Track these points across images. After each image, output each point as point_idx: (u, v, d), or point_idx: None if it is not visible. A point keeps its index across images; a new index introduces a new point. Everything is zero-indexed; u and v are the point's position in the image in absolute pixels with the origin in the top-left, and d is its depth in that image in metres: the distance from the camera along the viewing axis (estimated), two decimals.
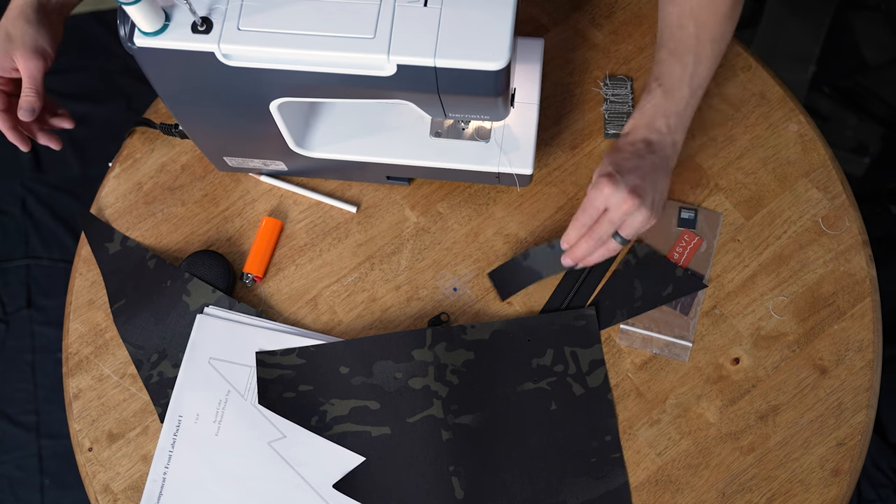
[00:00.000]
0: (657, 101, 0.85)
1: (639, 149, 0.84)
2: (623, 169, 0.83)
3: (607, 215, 0.83)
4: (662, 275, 0.93)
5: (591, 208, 0.84)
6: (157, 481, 0.90)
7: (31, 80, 0.89)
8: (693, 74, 0.86)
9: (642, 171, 0.83)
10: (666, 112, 0.85)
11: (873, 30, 1.78)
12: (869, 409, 0.89)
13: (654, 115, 0.85)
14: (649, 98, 0.86)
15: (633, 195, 0.81)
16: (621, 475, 0.88)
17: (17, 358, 1.70)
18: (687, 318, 0.92)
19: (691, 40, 0.86)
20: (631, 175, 0.82)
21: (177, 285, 0.96)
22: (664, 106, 0.85)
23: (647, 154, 0.84)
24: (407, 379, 0.90)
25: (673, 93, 0.85)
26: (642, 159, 0.84)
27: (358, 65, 0.73)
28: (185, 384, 0.93)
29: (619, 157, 0.84)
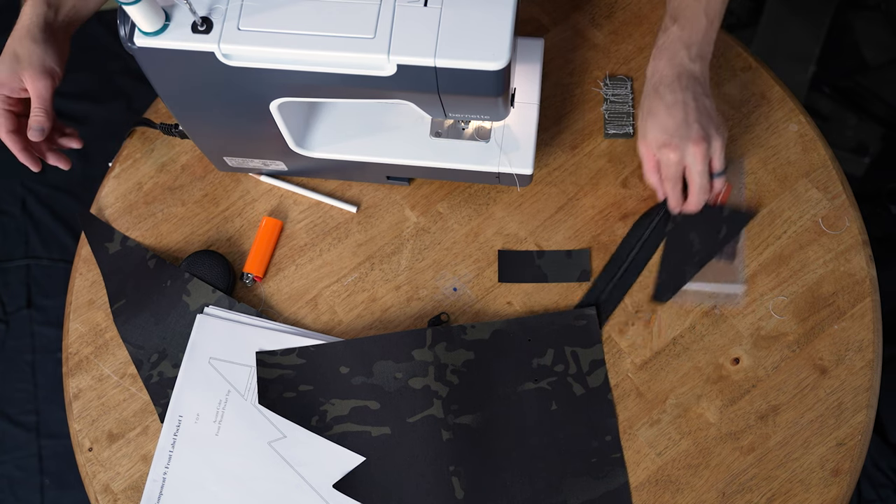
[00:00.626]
0: (674, 34, 0.85)
1: (672, 99, 0.84)
2: (670, 128, 0.84)
3: (693, 170, 0.85)
4: (711, 219, 0.94)
5: (674, 176, 0.86)
6: (157, 481, 0.90)
7: (40, 100, 0.89)
8: (708, 3, 0.85)
9: (691, 114, 0.83)
10: (687, 42, 0.84)
11: (873, 30, 1.78)
12: (869, 409, 0.89)
13: (675, 49, 0.84)
14: (665, 35, 0.86)
15: (698, 143, 0.83)
16: (621, 475, 0.88)
17: (17, 358, 1.70)
18: (733, 263, 0.93)
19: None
20: (683, 126, 0.83)
21: (177, 285, 0.96)
22: (682, 37, 0.85)
23: (682, 93, 0.84)
24: (407, 379, 0.90)
25: (690, 23, 0.85)
26: (682, 104, 0.84)
27: (358, 65, 0.73)
28: (185, 384, 0.93)
29: (660, 121, 0.84)
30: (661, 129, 0.84)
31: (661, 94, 0.84)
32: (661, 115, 0.84)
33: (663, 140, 0.84)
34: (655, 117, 0.85)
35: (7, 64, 0.88)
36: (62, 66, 0.91)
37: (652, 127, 0.85)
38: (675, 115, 0.84)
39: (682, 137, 0.84)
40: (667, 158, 0.85)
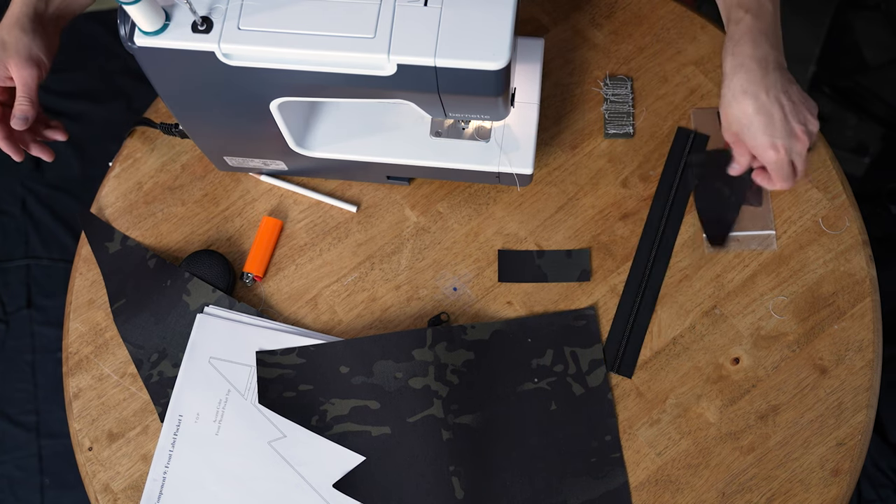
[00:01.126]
0: (749, 23, 0.82)
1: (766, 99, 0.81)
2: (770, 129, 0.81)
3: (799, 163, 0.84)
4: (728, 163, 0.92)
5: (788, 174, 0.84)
6: (157, 481, 0.90)
7: (25, 89, 0.89)
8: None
9: (786, 114, 0.81)
10: (764, 31, 0.82)
11: (873, 30, 1.78)
12: (869, 408, 0.89)
13: (755, 39, 0.82)
14: (739, 26, 0.83)
15: (802, 140, 0.82)
16: (621, 475, 0.88)
17: (17, 358, 1.70)
18: (761, 208, 0.95)
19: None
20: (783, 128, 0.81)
21: (177, 285, 0.96)
22: (758, 26, 0.82)
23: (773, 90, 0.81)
24: (407, 379, 0.90)
25: (762, 13, 0.83)
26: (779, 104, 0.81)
27: (358, 64, 0.73)
28: (185, 384, 0.93)
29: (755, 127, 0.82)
30: (763, 131, 0.82)
31: (752, 94, 0.81)
32: (758, 117, 0.82)
33: (768, 143, 0.82)
34: (752, 120, 0.82)
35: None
36: (50, 57, 0.91)
37: (749, 130, 0.83)
38: (773, 116, 0.81)
39: (785, 137, 0.82)
40: (775, 160, 0.83)
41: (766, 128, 0.82)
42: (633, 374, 0.91)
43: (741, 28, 0.83)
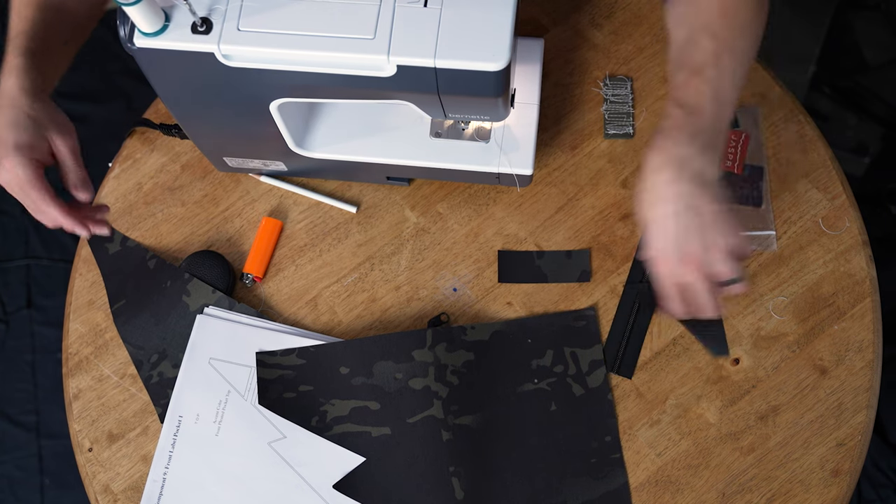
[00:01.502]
0: (679, 119, 0.74)
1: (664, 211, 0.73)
2: (668, 241, 0.73)
3: (694, 289, 0.75)
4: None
5: (671, 289, 0.76)
6: (157, 481, 0.90)
7: (75, 155, 0.83)
8: (717, 89, 0.75)
9: (688, 227, 0.73)
10: (693, 131, 0.73)
11: (873, 30, 1.78)
12: (869, 409, 0.89)
13: (678, 138, 0.73)
14: (670, 120, 0.75)
15: (691, 263, 0.73)
16: (621, 475, 0.88)
17: (17, 358, 1.70)
18: (762, 209, 0.94)
19: (709, 56, 0.75)
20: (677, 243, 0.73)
21: (177, 285, 0.96)
22: (689, 123, 0.74)
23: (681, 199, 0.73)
24: (407, 379, 0.90)
25: (698, 110, 0.74)
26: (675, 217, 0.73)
27: (358, 65, 0.73)
28: (185, 384, 0.93)
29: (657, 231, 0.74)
30: (656, 239, 0.74)
31: (659, 195, 0.73)
32: (658, 222, 0.74)
33: (655, 253, 0.75)
34: (653, 224, 0.74)
35: (25, 128, 0.79)
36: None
37: (653, 233, 0.75)
38: (670, 228, 0.73)
39: (676, 254, 0.73)
40: (661, 275, 0.75)
41: (662, 234, 0.73)
42: (633, 374, 0.91)
43: (671, 122, 0.74)
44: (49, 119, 0.81)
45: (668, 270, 0.75)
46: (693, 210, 0.72)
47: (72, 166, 0.83)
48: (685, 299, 0.76)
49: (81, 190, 0.84)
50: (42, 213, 0.83)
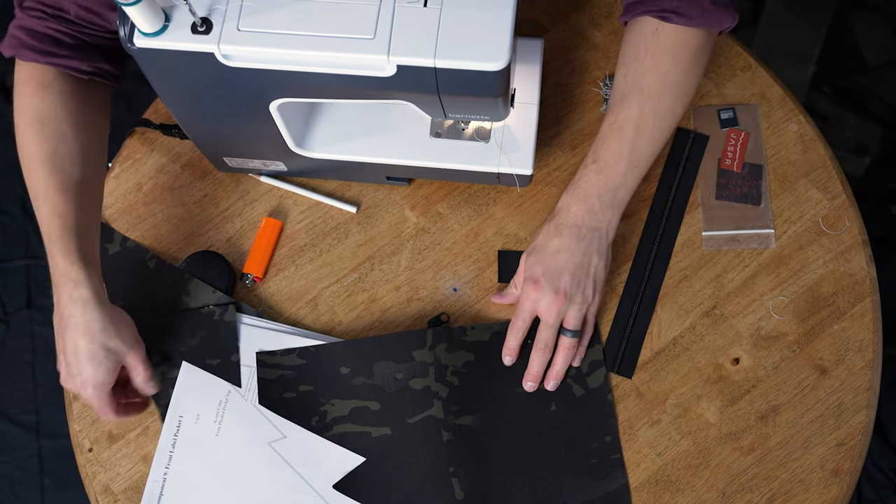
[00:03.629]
0: (591, 177, 0.84)
1: (565, 243, 0.84)
2: (548, 270, 0.84)
3: (543, 320, 0.86)
4: None
5: (525, 312, 0.86)
6: (158, 482, 0.90)
7: (145, 365, 0.86)
8: (633, 148, 0.83)
9: (569, 266, 0.84)
10: (600, 189, 0.83)
11: (873, 30, 1.78)
12: (869, 409, 0.89)
13: (588, 192, 0.84)
14: (584, 174, 0.85)
15: (559, 296, 0.83)
16: (621, 476, 0.88)
17: (17, 358, 1.70)
18: (759, 207, 0.94)
19: (633, 112, 0.82)
20: (556, 274, 0.84)
21: (177, 285, 0.96)
22: (598, 182, 0.83)
23: (575, 243, 0.84)
24: (407, 379, 0.90)
25: (609, 168, 0.83)
26: (569, 253, 0.84)
27: (358, 65, 0.73)
28: (185, 384, 0.93)
29: (543, 258, 0.84)
30: (539, 264, 0.84)
31: (557, 232, 0.84)
32: (546, 251, 0.84)
33: (533, 276, 0.84)
34: (541, 251, 0.85)
35: (102, 363, 0.82)
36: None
37: (534, 258, 0.85)
38: (556, 260, 0.84)
39: (549, 282, 0.84)
40: (526, 294, 0.85)
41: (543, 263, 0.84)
42: (633, 374, 0.91)
43: (584, 175, 0.84)
44: (123, 345, 0.83)
45: (536, 296, 0.84)
46: (586, 255, 0.84)
47: (142, 374, 0.86)
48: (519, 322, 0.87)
49: (150, 389, 0.88)
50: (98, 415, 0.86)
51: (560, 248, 0.84)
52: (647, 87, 0.82)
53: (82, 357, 0.82)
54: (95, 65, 0.85)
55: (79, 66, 0.84)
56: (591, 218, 0.84)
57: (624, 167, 0.83)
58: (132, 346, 0.85)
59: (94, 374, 0.82)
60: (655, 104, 0.82)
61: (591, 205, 0.83)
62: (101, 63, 0.86)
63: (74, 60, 0.84)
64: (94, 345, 0.81)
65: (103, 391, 0.83)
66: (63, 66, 0.84)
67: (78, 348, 0.81)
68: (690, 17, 0.80)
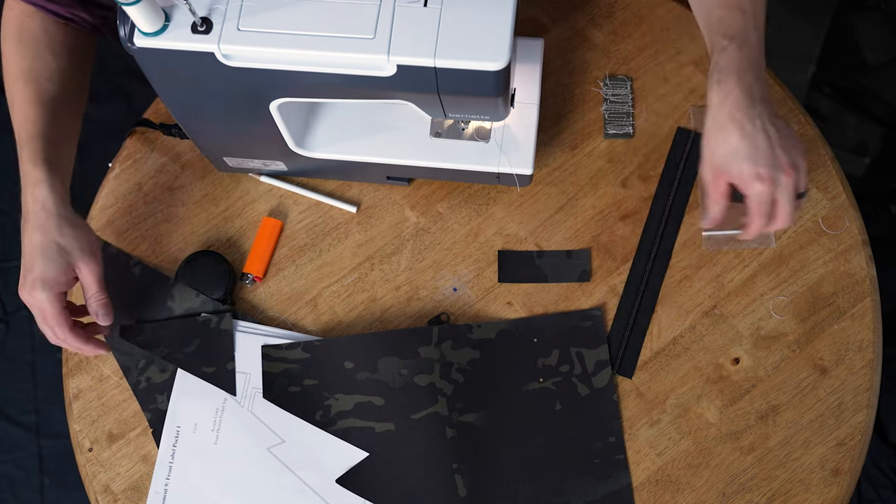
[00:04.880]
0: (734, 53, 0.79)
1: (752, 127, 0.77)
2: (758, 159, 0.77)
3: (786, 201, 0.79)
4: None
5: (768, 210, 0.80)
6: (160, 493, 0.90)
7: (98, 282, 0.84)
8: (755, 16, 0.80)
9: (772, 144, 0.78)
10: (749, 61, 0.79)
11: (873, 30, 1.78)
12: (869, 408, 0.89)
13: (741, 69, 0.78)
14: (724, 54, 0.79)
15: (789, 173, 0.77)
16: (624, 477, 0.88)
17: (17, 358, 1.70)
18: None
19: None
20: (769, 157, 0.77)
21: (162, 291, 0.96)
22: (743, 56, 0.79)
23: (759, 120, 0.78)
24: (412, 376, 0.90)
25: (746, 41, 0.79)
26: (765, 133, 0.77)
27: (358, 65, 0.73)
28: (181, 394, 0.93)
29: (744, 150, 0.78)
30: (748, 159, 0.78)
31: (738, 122, 0.78)
32: (744, 144, 0.78)
33: (752, 171, 0.78)
34: (738, 148, 0.78)
35: (53, 259, 0.82)
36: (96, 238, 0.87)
37: (735, 158, 0.78)
38: (759, 144, 0.77)
39: (772, 167, 0.77)
40: (759, 191, 0.78)
41: (750, 155, 0.78)
42: (633, 374, 0.91)
43: (725, 57, 0.79)
44: (77, 246, 0.83)
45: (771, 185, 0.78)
46: (774, 127, 0.78)
47: (95, 293, 0.85)
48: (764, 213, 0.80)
49: (102, 317, 0.86)
50: (56, 339, 0.85)
51: (753, 132, 0.78)
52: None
53: (35, 252, 0.82)
54: (72, 11, 0.87)
55: (56, 10, 0.87)
56: (755, 91, 0.78)
57: (756, 37, 0.80)
58: (85, 252, 0.84)
59: (42, 268, 0.82)
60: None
61: (749, 80, 0.78)
62: (77, 10, 0.88)
63: (52, 4, 0.86)
64: (46, 238, 0.82)
65: (52, 292, 0.82)
66: (41, 5, 0.86)
67: (32, 243, 0.83)
68: None
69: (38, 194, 0.83)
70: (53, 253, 0.82)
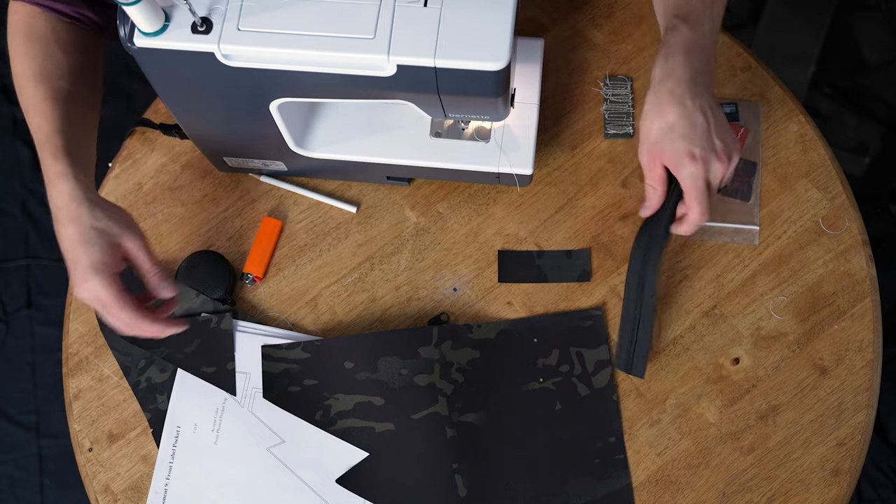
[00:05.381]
0: (685, 34, 0.77)
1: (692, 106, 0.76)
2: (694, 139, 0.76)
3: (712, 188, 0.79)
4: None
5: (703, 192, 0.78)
6: (160, 493, 0.90)
7: (149, 256, 0.82)
8: (713, 6, 0.79)
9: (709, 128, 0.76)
10: (699, 45, 0.77)
11: (873, 30, 1.78)
12: (869, 408, 0.89)
13: (688, 49, 0.77)
14: (675, 34, 0.78)
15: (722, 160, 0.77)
16: (624, 477, 0.88)
17: (17, 358, 1.70)
18: (749, 203, 0.94)
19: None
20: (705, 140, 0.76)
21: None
22: (694, 39, 0.77)
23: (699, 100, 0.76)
24: (412, 376, 0.90)
25: (699, 25, 0.78)
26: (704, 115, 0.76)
27: (358, 65, 0.73)
28: (181, 394, 0.93)
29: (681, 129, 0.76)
30: (683, 138, 0.76)
31: (678, 98, 0.76)
32: (681, 122, 0.76)
33: (687, 150, 0.76)
34: (674, 125, 0.76)
35: (94, 243, 0.79)
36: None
37: (669, 135, 0.77)
38: (697, 125, 0.76)
39: (706, 149, 0.76)
40: (692, 171, 0.77)
41: (686, 134, 0.76)
42: (644, 373, 0.90)
43: (676, 36, 0.78)
44: (114, 224, 0.80)
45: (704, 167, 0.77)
46: (711, 110, 0.77)
47: (149, 267, 0.82)
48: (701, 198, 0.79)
49: (164, 290, 0.83)
50: (126, 326, 0.81)
51: (692, 111, 0.76)
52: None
53: (75, 243, 0.78)
54: (78, 10, 0.87)
55: (62, 9, 0.86)
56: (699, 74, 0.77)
57: (710, 25, 0.79)
58: (125, 227, 0.81)
59: (87, 256, 0.78)
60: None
61: (694, 61, 0.77)
62: (83, 9, 0.87)
63: (58, 3, 0.85)
64: (81, 226, 0.78)
65: (104, 275, 0.78)
66: (47, 5, 0.85)
67: (69, 236, 0.79)
68: None
69: (62, 187, 0.80)
70: (93, 237, 0.79)
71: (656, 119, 0.77)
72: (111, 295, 0.79)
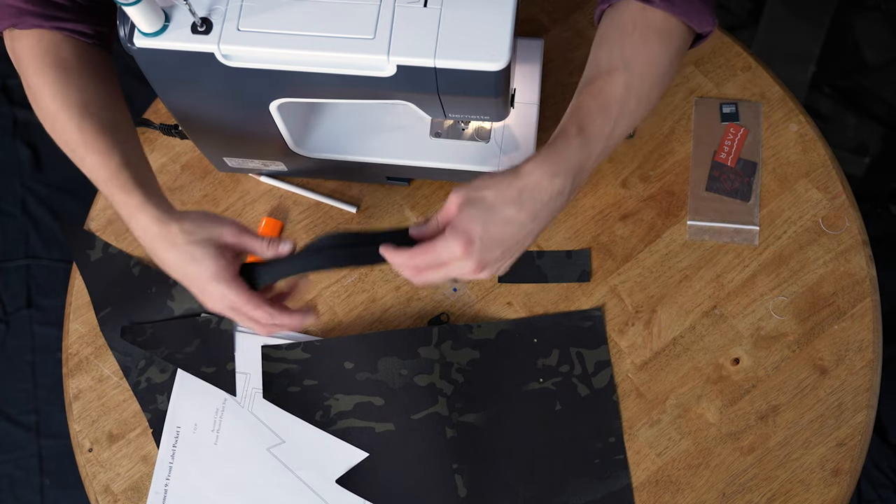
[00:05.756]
0: (573, 152, 0.73)
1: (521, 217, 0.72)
2: (487, 236, 0.72)
3: (445, 269, 0.73)
4: None
5: (435, 260, 0.73)
6: (160, 493, 0.90)
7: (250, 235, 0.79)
8: (613, 130, 0.75)
9: (511, 241, 0.73)
10: (579, 166, 0.74)
11: (873, 30, 1.78)
12: (869, 409, 0.89)
13: (569, 167, 0.73)
14: (566, 144, 0.74)
15: (481, 267, 0.73)
16: (624, 477, 0.88)
17: (17, 358, 1.70)
18: (749, 203, 0.95)
19: (619, 89, 0.75)
20: (493, 244, 0.72)
21: (162, 291, 0.95)
22: (580, 157, 0.74)
23: (531, 220, 0.73)
24: (412, 376, 0.90)
25: (593, 143, 0.74)
26: (519, 227, 0.73)
27: (358, 65, 0.73)
28: (181, 394, 0.93)
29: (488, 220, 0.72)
30: (480, 223, 0.71)
31: (518, 201, 0.72)
32: (496, 216, 0.72)
33: (468, 232, 0.71)
34: (490, 212, 0.72)
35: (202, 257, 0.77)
36: None
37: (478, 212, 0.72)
38: (501, 231, 0.72)
39: (482, 250, 0.72)
40: (449, 247, 0.71)
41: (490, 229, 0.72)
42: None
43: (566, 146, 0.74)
44: (206, 228, 0.78)
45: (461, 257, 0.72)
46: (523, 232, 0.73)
47: (259, 244, 0.79)
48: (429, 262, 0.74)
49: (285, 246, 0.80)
50: (263, 325, 0.80)
51: (512, 220, 0.72)
52: (637, 66, 0.75)
53: (183, 265, 0.77)
54: (96, 28, 0.83)
55: (83, 30, 0.82)
56: (559, 196, 0.74)
57: (601, 148, 0.75)
58: (216, 225, 0.78)
59: (202, 271, 0.77)
60: (639, 87, 0.76)
61: (564, 182, 0.73)
62: (99, 26, 0.84)
63: (79, 24, 0.82)
64: (181, 248, 0.77)
65: (228, 281, 0.77)
66: (69, 29, 0.81)
67: (173, 261, 0.78)
68: (673, 4, 0.75)
69: (145, 219, 0.78)
70: (198, 252, 0.77)
71: (490, 191, 0.73)
72: (241, 298, 0.78)
